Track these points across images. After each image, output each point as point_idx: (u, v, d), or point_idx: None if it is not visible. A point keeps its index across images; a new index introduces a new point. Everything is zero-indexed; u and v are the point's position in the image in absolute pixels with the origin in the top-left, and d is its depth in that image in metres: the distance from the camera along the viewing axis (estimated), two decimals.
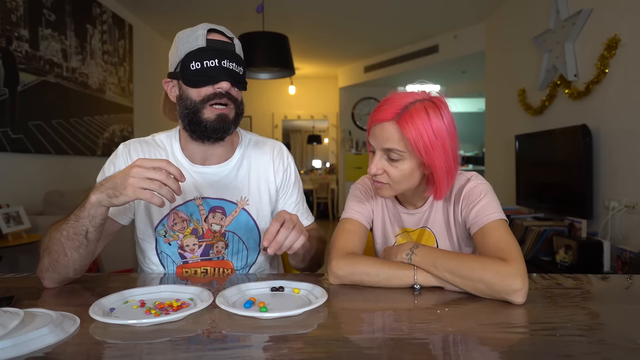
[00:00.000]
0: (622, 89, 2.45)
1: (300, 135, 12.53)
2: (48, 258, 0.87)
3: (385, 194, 0.97)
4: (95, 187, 0.85)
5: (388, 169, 0.92)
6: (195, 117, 0.99)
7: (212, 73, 0.97)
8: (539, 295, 0.84)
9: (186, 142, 1.09)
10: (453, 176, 0.95)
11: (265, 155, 1.16)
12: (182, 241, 1.07)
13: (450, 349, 0.61)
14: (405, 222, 1.07)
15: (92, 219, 0.85)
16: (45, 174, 3.13)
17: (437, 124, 0.88)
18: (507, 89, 3.92)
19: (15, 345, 0.57)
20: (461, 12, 4.31)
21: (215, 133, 1.00)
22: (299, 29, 4.86)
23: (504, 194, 3.90)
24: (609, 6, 2.56)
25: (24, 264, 2.65)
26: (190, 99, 0.99)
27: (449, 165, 0.91)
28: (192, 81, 0.97)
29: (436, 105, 0.90)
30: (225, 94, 0.99)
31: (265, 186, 1.14)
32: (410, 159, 0.91)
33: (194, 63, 0.96)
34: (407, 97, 0.91)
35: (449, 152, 0.90)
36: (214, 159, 1.10)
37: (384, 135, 0.90)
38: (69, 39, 3.33)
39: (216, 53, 0.97)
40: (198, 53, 0.96)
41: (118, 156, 1.08)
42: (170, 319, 0.69)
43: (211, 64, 0.96)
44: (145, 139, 1.12)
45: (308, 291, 0.84)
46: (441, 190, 0.94)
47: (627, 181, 2.41)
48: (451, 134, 0.91)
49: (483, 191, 0.96)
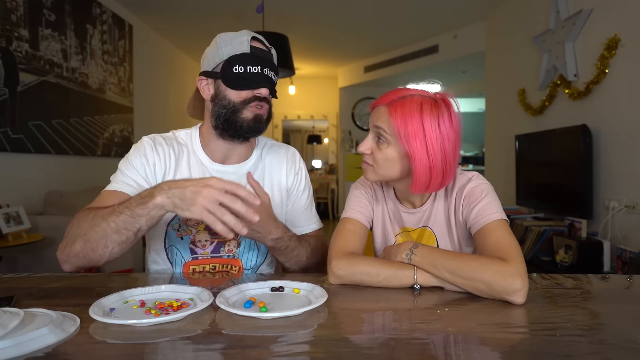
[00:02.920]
0: (622, 89, 2.45)
1: (300, 135, 12.53)
2: (82, 244, 0.86)
3: (369, 176, 1.00)
4: (160, 187, 0.82)
5: (375, 151, 0.96)
6: (232, 117, 1.02)
7: (255, 78, 1.01)
8: (539, 295, 0.84)
9: (209, 140, 1.10)
10: (436, 177, 0.92)
11: (280, 157, 1.19)
12: (194, 236, 1.08)
13: (450, 349, 0.61)
14: (405, 222, 1.07)
15: (150, 219, 0.84)
16: (45, 174, 3.13)
17: (429, 120, 0.89)
18: (507, 89, 3.92)
19: (15, 345, 0.57)
20: (461, 12, 4.31)
21: (250, 132, 1.04)
22: (299, 29, 4.86)
23: (504, 194, 3.90)
24: (609, 6, 2.56)
25: (24, 264, 2.65)
26: (229, 99, 1.02)
27: (434, 164, 0.90)
28: (235, 83, 1.01)
29: (436, 105, 0.91)
30: (263, 99, 1.04)
31: (277, 187, 1.17)
32: (395, 146, 0.93)
33: (237, 67, 1.00)
34: (411, 90, 0.95)
35: (436, 152, 0.90)
36: (233, 159, 1.12)
37: (376, 115, 0.96)
38: (69, 39, 3.33)
39: (259, 60, 1.01)
40: (242, 57, 1.00)
41: (145, 146, 1.06)
42: (170, 319, 0.69)
43: (254, 70, 1.01)
44: (167, 135, 1.13)
45: (308, 291, 0.84)
46: (418, 184, 0.93)
47: (627, 181, 2.41)
48: (446, 136, 0.90)
49: (484, 191, 0.96)
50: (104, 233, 0.84)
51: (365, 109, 7.25)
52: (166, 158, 1.08)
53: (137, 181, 1.03)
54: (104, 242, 0.85)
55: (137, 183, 1.02)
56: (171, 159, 1.08)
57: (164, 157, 1.07)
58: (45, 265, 2.60)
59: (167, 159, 1.08)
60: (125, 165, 1.05)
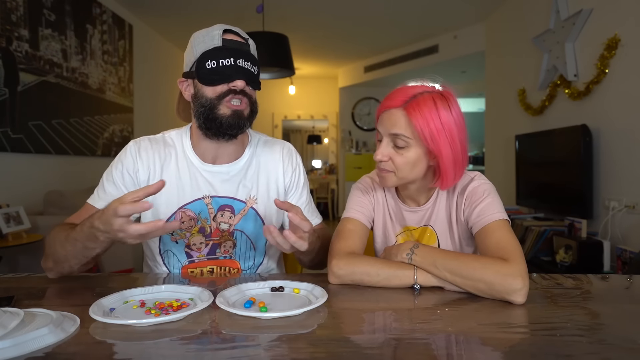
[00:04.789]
0: (622, 89, 2.45)
1: (300, 135, 12.53)
2: (52, 263, 0.93)
3: (389, 182, 0.97)
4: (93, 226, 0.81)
5: (394, 156, 0.94)
6: (211, 114, 1.00)
7: (228, 71, 0.98)
8: (539, 295, 0.84)
9: (198, 140, 1.09)
10: (461, 168, 0.95)
11: (275, 155, 1.17)
12: (189, 239, 1.08)
13: (450, 349, 0.61)
14: (407, 220, 1.07)
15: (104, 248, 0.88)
16: (45, 174, 3.13)
17: (445, 114, 0.90)
18: (507, 89, 3.92)
19: (15, 345, 0.57)
20: (461, 12, 4.31)
21: (230, 129, 1.01)
22: (299, 29, 4.86)
23: (504, 194, 3.90)
24: (609, 6, 2.56)
25: (24, 264, 2.65)
26: (206, 96, 1.00)
27: (457, 155, 0.92)
28: (208, 79, 0.99)
29: (445, 97, 0.93)
30: (240, 92, 1.00)
31: (274, 185, 1.15)
32: (416, 147, 0.92)
33: (209, 62, 0.98)
34: (416, 87, 0.94)
35: (456, 143, 0.92)
36: (224, 158, 1.10)
37: (391, 121, 0.93)
38: (69, 39, 3.33)
39: (232, 52, 0.99)
40: (214, 52, 0.98)
41: (127, 155, 1.07)
42: (170, 319, 0.69)
43: (227, 62, 0.98)
44: (155, 137, 1.12)
45: (308, 291, 0.84)
46: (447, 179, 0.94)
47: (627, 181, 2.41)
48: (459, 126, 0.92)
49: (486, 191, 0.96)
50: (65, 257, 0.90)
51: (365, 109, 7.25)
52: (149, 163, 1.07)
53: (115, 198, 1.01)
54: (68, 263, 0.92)
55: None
56: (155, 164, 1.07)
57: (147, 162, 1.07)
58: None
59: (152, 163, 1.07)
60: (107, 178, 1.06)
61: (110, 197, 1.02)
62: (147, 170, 1.07)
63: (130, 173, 1.05)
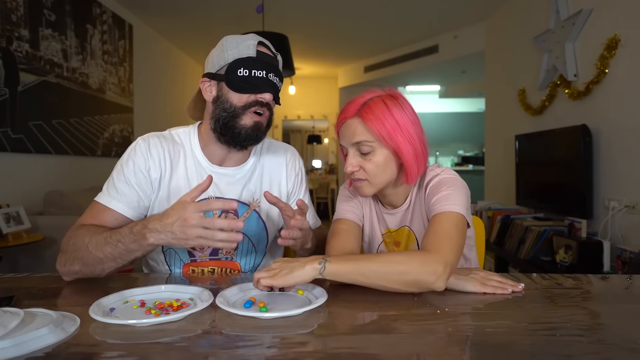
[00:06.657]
0: (622, 89, 2.45)
1: (300, 135, 12.53)
2: (80, 266, 0.91)
3: (365, 191, 0.98)
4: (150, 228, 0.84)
5: (363, 164, 0.96)
6: (232, 121, 1.01)
7: (258, 83, 1.00)
8: (539, 295, 0.84)
9: (208, 142, 1.09)
10: (423, 160, 0.97)
11: (279, 159, 1.19)
12: None
13: (450, 349, 0.61)
14: (388, 223, 1.09)
15: (145, 252, 0.89)
16: (45, 174, 3.13)
17: (397, 112, 0.93)
18: (507, 89, 3.92)
19: (15, 345, 0.57)
20: (461, 12, 4.31)
21: (247, 140, 1.03)
22: (299, 29, 4.86)
23: (504, 194, 3.90)
24: (609, 6, 2.56)
25: (24, 264, 2.65)
26: (230, 102, 1.01)
27: (417, 149, 0.95)
28: (238, 86, 1.00)
29: (394, 97, 0.96)
30: (265, 104, 1.02)
31: (277, 189, 1.17)
32: (381, 149, 0.95)
33: (242, 70, 0.99)
34: (365, 95, 0.98)
35: (414, 137, 0.94)
36: (231, 162, 1.12)
37: (350, 131, 0.96)
38: (69, 39, 3.33)
39: (264, 65, 1.01)
40: (248, 61, 0.99)
41: (137, 153, 1.05)
42: (170, 319, 0.69)
43: (259, 74, 1.00)
44: (163, 134, 1.10)
45: (308, 291, 0.84)
46: (412, 173, 0.96)
47: (627, 181, 2.41)
48: (414, 121, 0.96)
49: (449, 182, 0.95)
50: (100, 260, 0.89)
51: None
52: (161, 161, 1.06)
53: (129, 198, 1.01)
54: (101, 267, 0.91)
55: (128, 201, 1.01)
56: (166, 161, 1.06)
57: (158, 160, 1.05)
58: (46, 265, 2.60)
59: (163, 161, 1.06)
60: (118, 176, 1.03)
61: (123, 196, 1.01)
62: (159, 168, 1.05)
63: (143, 171, 1.03)
